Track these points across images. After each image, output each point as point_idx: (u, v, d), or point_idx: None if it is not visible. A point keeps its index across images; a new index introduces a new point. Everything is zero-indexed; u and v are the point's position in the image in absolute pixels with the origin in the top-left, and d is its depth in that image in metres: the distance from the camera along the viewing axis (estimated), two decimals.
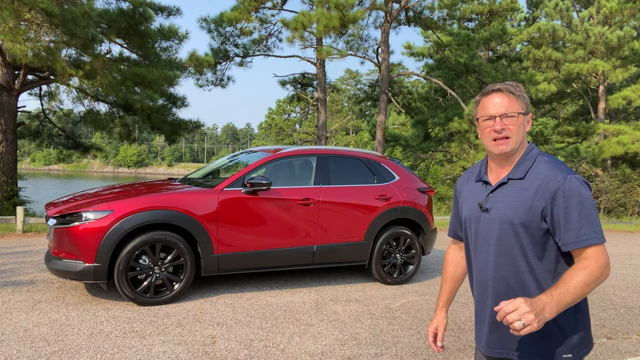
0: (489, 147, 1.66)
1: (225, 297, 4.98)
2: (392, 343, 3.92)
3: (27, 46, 8.60)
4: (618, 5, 19.08)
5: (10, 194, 10.80)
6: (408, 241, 5.89)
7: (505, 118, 1.61)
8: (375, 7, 16.17)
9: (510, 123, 1.61)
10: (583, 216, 1.50)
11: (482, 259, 1.69)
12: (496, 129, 1.61)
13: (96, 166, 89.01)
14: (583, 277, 1.44)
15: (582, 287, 1.43)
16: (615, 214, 19.07)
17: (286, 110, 48.06)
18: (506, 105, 1.62)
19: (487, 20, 21.56)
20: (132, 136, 13.90)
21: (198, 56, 13.68)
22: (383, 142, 16.67)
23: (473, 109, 1.75)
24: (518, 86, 1.65)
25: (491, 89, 1.66)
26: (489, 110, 1.64)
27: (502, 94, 1.64)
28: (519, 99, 1.63)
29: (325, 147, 6.31)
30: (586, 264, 1.47)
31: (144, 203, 4.56)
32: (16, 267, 5.85)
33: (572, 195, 1.51)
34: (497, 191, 1.66)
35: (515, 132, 1.61)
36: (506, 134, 1.61)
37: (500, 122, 1.61)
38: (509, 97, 1.63)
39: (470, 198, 1.77)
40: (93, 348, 3.51)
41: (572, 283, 1.43)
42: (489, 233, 1.65)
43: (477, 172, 1.79)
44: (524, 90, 1.67)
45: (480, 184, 1.74)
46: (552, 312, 1.38)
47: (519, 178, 1.61)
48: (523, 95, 1.65)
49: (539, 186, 1.56)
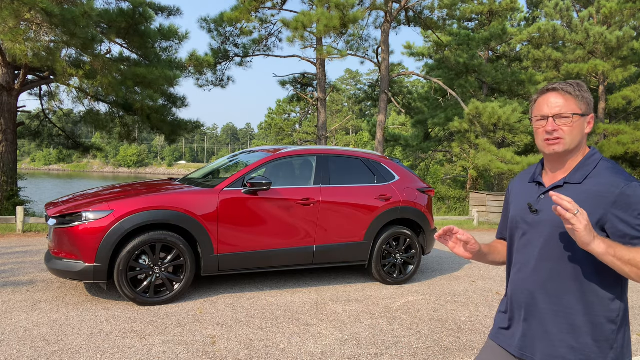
0: (541, 148, 1.58)
1: (225, 297, 4.98)
2: (392, 343, 3.92)
3: (27, 46, 8.60)
4: (618, 6, 19.08)
5: (10, 194, 10.80)
6: (408, 241, 5.89)
7: (559, 119, 1.53)
8: (375, 7, 16.17)
9: (563, 124, 1.53)
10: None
11: (523, 261, 1.63)
12: (547, 129, 1.54)
13: (96, 166, 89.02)
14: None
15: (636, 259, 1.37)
16: None
17: (286, 110, 48.07)
18: (561, 106, 1.54)
19: (487, 20, 21.56)
20: (132, 136, 13.90)
21: (198, 56, 13.68)
22: (383, 142, 16.67)
23: (529, 108, 1.67)
24: (579, 85, 1.57)
25: (547, 88, 1.59)
26: (543, 110, 1.57)
27: (557, 94, 1.56)
28: (577, 99, 1.55)
29: (325, 147, 6.31)
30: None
31: (144, 203, 4.56)
32: (16, 267, 5.85)
33: (636, 202, 1.43)
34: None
35: (569, 133, 1.53)
36: (558, 134, 1.53)
37: (553, 122, 1.54)
38: (565, 97, 1.55)
39: (519, 198, 1.70)
40: (93, 348, 3.51)
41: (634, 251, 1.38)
42: (535, 236, 1.59)
43: (532, 173, 1.72)
44: (586, 90, 1.58)
45: (533, 185, 1.67)
46: (600, 246, 1.36)
47: (577, 183, 1.53)
48: (583, 95, 1.56)
49: (597, 192, 1.48)
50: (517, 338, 1.63)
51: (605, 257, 1.37)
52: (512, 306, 1.67)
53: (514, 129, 15.73)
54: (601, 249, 1.36)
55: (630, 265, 1.38)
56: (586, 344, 1.50)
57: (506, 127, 15.41)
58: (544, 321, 1.56)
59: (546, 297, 1.55)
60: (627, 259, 1.37)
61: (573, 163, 1.58)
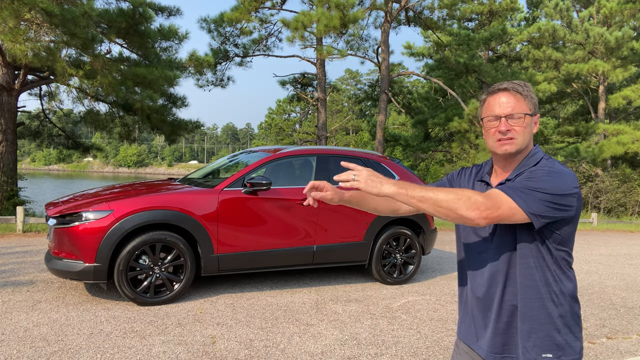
0: (493, 148, 1.58)
1: (225, 297, 4.98)
2: (392, 343, 3.92)
3: (27, 46, 8.60)
4: (618, 6, 19.09)
5: (10, 194, 10.80)
6: (408, 241, 5.89)
7: (511, 119, 1.53)
8: (375, 7, 16.18)
9: (516, 124, 1.53)
10: (530, 182, 1.42)
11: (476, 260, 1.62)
12: (501, 129, 1.53)
13: (96, 166, 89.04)
14: (443, 193, 1.39)
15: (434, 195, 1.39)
16: (615, 214, 19.08)
17: (286, 110, 48.06)
18: (512, 106, 1.53)
19: (487, 20, 21.56)
20: (132, 136, 13.90)
21: (198, 56, 13.68)
22: (383, 142, 16.68)
23: (478, 107, 1.67)
24: (526, 85, 1.57)
25: (497, 88, 1.58)
26: (494, 110, 1.55)
27: (508, 94, 1.55)
28: (527, 99, 1.55)
29: (325, 147, 6.31)
30: (470, 193, 1.39)
31: (144, 203, 4.56)
32: (16, 267, 5.85)
33: (539, 173, 1.45)
34: None
35: (521, 133, 1.53)
36: (511, 134, 1.53)
37: (506, 123, 1.53)
38: (516, 97, 1.54)
39: None
40: (93, 348, 3.51)
41: (434, 190, 1.41)
42: (485, 233, 1.59)
43: (480, 171, 1.73)
44: (532, 90, 1.59)
45: (481, 184, 1.68)
46: (390, 188, 1.42)
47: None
48: (531, 95, 1.57)
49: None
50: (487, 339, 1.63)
51: (399, 196, 1.42)
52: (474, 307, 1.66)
53: None
54: (391, 190, 1.42)
55: (423, 203, 1.40)
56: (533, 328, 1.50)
57: None
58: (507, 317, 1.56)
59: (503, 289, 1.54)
60: (419, 196, 1.40)
61: (519, 162, 1.59)
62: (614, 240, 11.62)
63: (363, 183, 1.43)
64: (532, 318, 1.50)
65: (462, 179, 1.78)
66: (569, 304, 1.52)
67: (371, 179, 1.44)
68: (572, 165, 19.24)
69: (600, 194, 19.35)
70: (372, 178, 1.44)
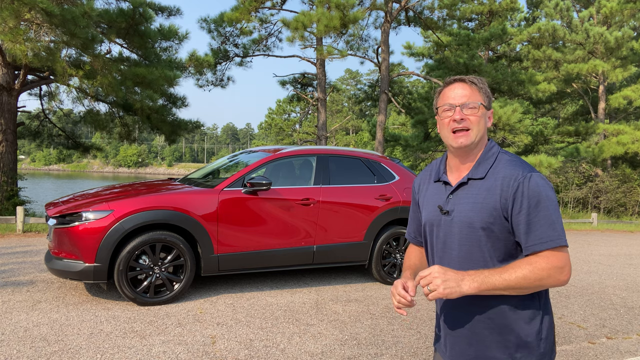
0: (448, 140, 1.56)
1: (225, 297, 4.98)
2: (392, 343, 3.92)
3: (27, 46, 8.60)
4: (618, 6, 19.09)
5: (10, 194, 10.80)
6: (408, 241, 5.88)
7: (466, 108, 1.53)
8: (375, 7, 16.17)
9: (470, 114, 1.53)
10: (543, 217, 1.42)
11: (446, 264, 1.58)
12: (455, 118, 1.53)
13: (96, 166, 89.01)
14: (523, 271, 1.38)
15: (518, 280, 1.38)
16: (615, 214, 19.07)
17: (286, 110, 48.08)
18: (467, 95, 1.54)
19: (487, 20, 21.56)
20: (132, 136, 13.90)
21: (198, 56, 13.67)
22: (383, 142, 16.67)
23: (434, 99, 1.66)
24: (482, 80, 1.59)
25: (453, 79, 1.59)
26: (449, 99, 1.56)
27: (464, 84, 1.56)
28: (481, 92, 1.56)
29: (325, 147, 6.31)
30: (535, 260, 1.40)
31: (144, 203, 4.56)
32: (16, 267, 5.85)
33: (533, 195, 1.43)
34: (458, 192, 1.56)
35: (476, 123, 1.53)
36: (466, 124, 1.52)
37: (461, 111, 1.52)
38: (471, 88, 1.55)
39: (429, 200, 1.65)
40: (93, 348, 3.51)
41: (509, 271, 1.39)
42: (450, 238, 1.56)
43: (436, 170, 1.68)
44: (487, 85, 1.61)
45: (440, 185, 1.64)
46: (471, 287, 1.37)
47: (480, 178, 1.52)
48: (485, 88, 1.58)
49: (500, 186, 1.47)
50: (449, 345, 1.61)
51: (484, 292, 1.39)
52: (442, 313, 1.64)
53: (514, 129, 15.72)
54: (472, 288, 1.38)
55: (510, 290, 1.39)
56: (511, 340, 1.48)
57: (506, 127, 15.41)
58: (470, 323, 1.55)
59: (474, 299, 1.52)
60: (503, 287, 1.39)
61: (476, 158, 1.57)
62: (613, 240, 11.62)
63: (442, 289, 1.36)
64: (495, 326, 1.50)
65: (422, 188, 1.73)
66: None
67: (449, 286, 1.37)
68: (572, 165, 19.25)
69: (600, 194, 19.35)
70: (448, 284, 1.37)
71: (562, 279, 1.41)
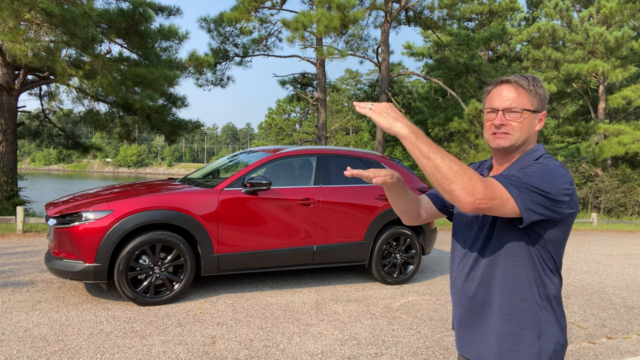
0: (488, 140, 1.52)
1: (225, 297, 4.98)
2: (392, 343, 3.92)
3: (27, 46, 8.60)
4: (618, 6, 19.09)
5: (10, 194, 10.80)
6: (408, 241, 5.89)
7: (509, 113, 1.46)
8: (375, 7, 16.18)
9: (513, 119, 1.45)
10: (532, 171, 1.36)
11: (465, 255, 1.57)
12: (495, 123, 1.47)
13: (96, 166, 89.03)
14: (451, 160, 1.27)
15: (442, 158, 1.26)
16: (615, 214, 19.08)
17: (286, 110, 48.08)
18: (512, 99, 1.46)
19: (487, 20, 21.57)
20: (132, 136, 13.90)
21: (198, 56, 13.67)
22: (383, 142, 16.67)
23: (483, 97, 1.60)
24: (534, 79, 1.48)
25: (501, 80, 1.51)
26: (494, 102, 1.49)
27: (510, 86, 1.48)
28: (530, 94, 1.47)
29: (325, 147, 6.31)
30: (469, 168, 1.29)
31: (144, 203, 4.56)
32: (16, 267, 5.85)
33: (536, 168, 1.38)
34: None
35: (518, 129, 1.45)
36: (506, 129, 1.46)
37: (502, 117, 1.46)
38: (518, 91, 1.47)
39: None
40: (93, 348, 3.51)
41: (442, 149, 1.30)
42: (475, 229, 1.53)
43: (480, 166, 1.69)
44: (541, 86, 1.49)
45: None
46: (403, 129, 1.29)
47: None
48: (537, 90, 1.47)
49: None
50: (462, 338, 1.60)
51: (407, 141, 1.30)
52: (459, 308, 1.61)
53: None
54: (403, 131, 1.30)
55: (425, 159, 1.27)
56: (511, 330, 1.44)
57: None
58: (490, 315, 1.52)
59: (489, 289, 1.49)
60: (426, 151, 1.28)
61: (514, 159, 1.53)
62: (613, 240, 11.62)
63: (377, 114, 1.33)
64: (513, 320, 1.45)
65: None
66: (552, 307, 1.46)
67: (387, 112, 1.33)
68: (572, 165, 19.25)
69: (600, 194, 19.35)
70: (388, 112, 1.33)
71: (464, 197, 1.25)
